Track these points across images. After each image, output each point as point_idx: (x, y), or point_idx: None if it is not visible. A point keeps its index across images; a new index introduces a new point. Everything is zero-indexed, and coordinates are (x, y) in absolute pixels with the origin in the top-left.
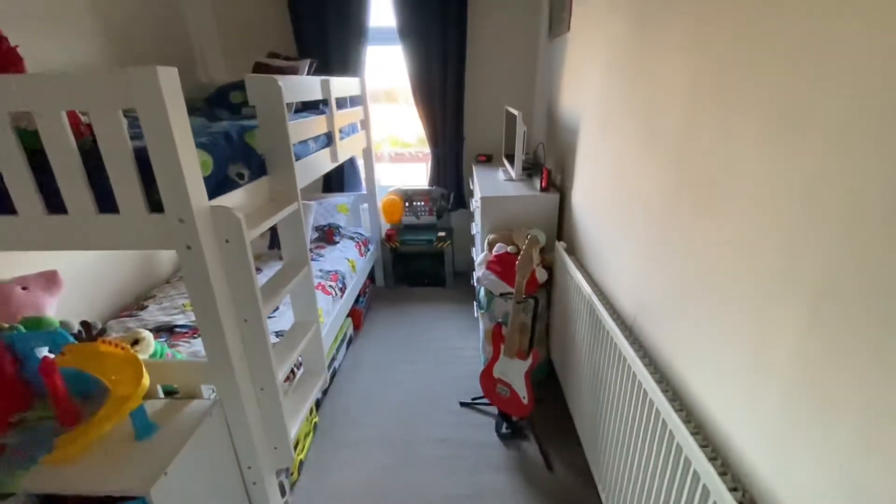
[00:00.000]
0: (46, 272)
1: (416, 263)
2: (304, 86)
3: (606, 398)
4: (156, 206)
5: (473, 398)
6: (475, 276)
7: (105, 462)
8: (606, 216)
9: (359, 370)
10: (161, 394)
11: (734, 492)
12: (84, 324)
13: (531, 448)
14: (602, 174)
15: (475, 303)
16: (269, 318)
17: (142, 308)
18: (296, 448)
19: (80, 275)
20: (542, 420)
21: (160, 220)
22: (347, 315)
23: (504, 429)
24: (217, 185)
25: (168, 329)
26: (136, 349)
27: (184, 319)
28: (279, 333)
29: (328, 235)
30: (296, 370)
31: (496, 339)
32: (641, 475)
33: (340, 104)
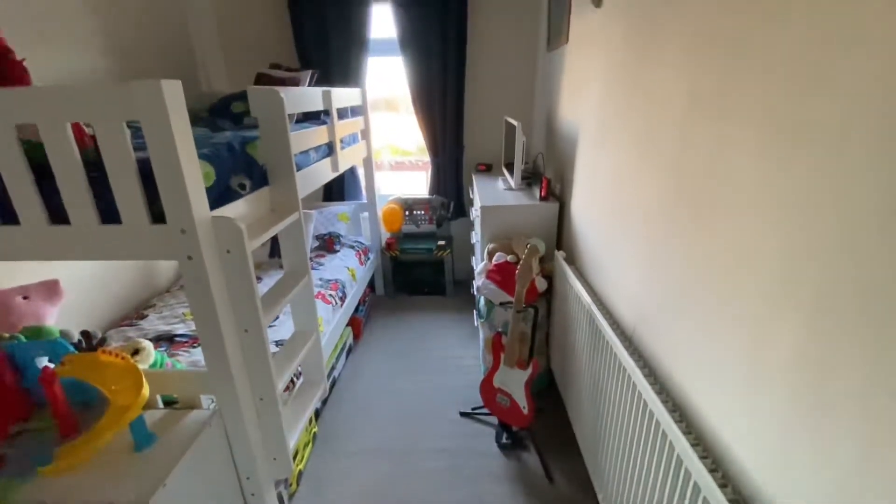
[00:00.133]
0: (48, 281)
1: (416, 272)
2: (306, 97)
3: (606, 408)
4: (158, 217)
5: (473, 408)
6: (475, 285)
7: (104, 473)
8: (605, 225)
9: (358, 379)
10: (160, 404)
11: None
12: (84, 333)
13: (531, 458)
14: (601, 184)
15: (475, 312)
16: (269, 328)
17: (142, 317)
18: (295, 458)
19: (81, 284)
20: (543, 430)
21: (162, 231)
22: (347, 324)
23: (504, 439)
24: (219, 196)
25: (168, 338)
26: (136, 359)
27: (184, 328)
28: (279, 342)
29: (328, 244)
30: (295, 380)
31: (496, 349)
32: (642, 486)
33: (341, 114)
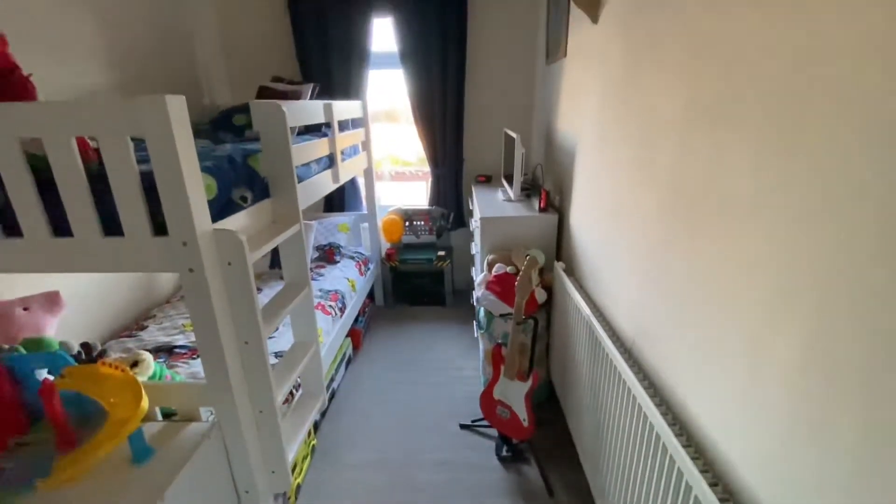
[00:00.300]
0: (48, 293)
1: (416, 282)
2: (308, 110)
3: (606, 421)
4: (160, 230)
5: (473, 420)
6: (475, 296)
7: (102, 487)
8: (604, 237)
9: (358, 391)
10: (159, 416)
11: None
12: (84, 345)
13: (532, 471)
14: (599, 195)
15: (475, 323)
16: (269, 339)
17: (141, 328)
18: (293, 471)
19: (81, 295)
20: (543, 442)
21: (164, 243)
22: (347, 335)
23: (504, 452)
24: (221, 209)
25: (167, 349)
26: (136, 371)
27: (183, 340)
28: (278, 354)
29: (329, 255)
30: (294, 391)
31: (496, 360)
32: (643, 499)
33: (342, 126)
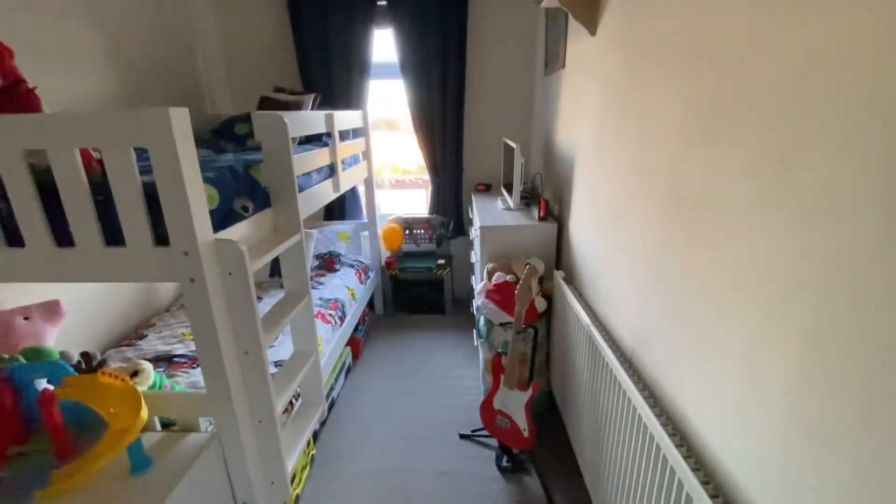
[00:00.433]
0: (49, 302)
1: (416, 290)
2: (309, 121)
3: (607, 431)
4: (161, 240)
5: (473, 430)
6: (475, 305)
7: (100, 497)
8: (603, 246)
9: (357, 400)
10: (158, 426)
11: None
12: (84, 354)
13: (532, 482)
14: (598, 204)
15: (475, 331)
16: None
17: (141, 337)
18: (292, 482)
19: (81, 303)
20: (544, 452)
21: (166, 254)
22: (346, 344)
23: (504, 462)
24: (222, 219)
25: (167, 359)
26: (136, 381)
27: (183, 349)
28: (278, 363)
29: (328, 263)
30: (294, 401)
31: (496, 370)
32: None
33: (343, 136)
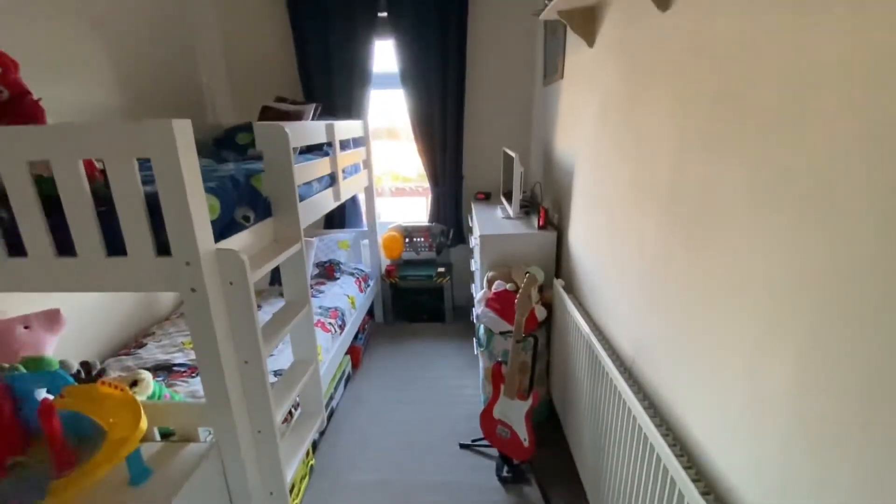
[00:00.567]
0: (49, 311)
1: (416, 299)
2: (310, 131)
3: (607, 441)
4: (163, 249)
5: (473, 440)
6: (475, 313)
7: None
8: (602, 255)
9: (357, 410)
10: (157, 436)
11: None
12: (84, 364)
13: (533, 492)
14: (597, 214)
15: (475, 340)
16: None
17: (140, 346)
18: (291, 492)
19: (81, 312)
20: (544, 462)
21: (167, 263)
22: (346, 352)
23: (505, 472)
24: (223, 228)
25: (166, 368)
26: (135, 390)
27: (182, 358)
28: (277, 372)
29: (329, 272)
30: (293, 410)
31: (496, 379)
32: None
33: (344, 146)
